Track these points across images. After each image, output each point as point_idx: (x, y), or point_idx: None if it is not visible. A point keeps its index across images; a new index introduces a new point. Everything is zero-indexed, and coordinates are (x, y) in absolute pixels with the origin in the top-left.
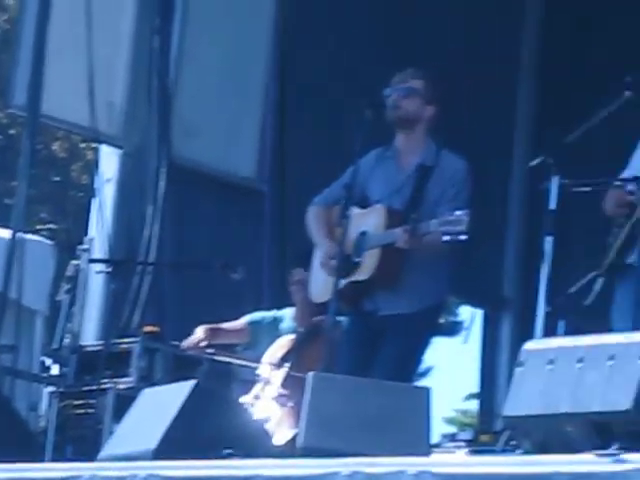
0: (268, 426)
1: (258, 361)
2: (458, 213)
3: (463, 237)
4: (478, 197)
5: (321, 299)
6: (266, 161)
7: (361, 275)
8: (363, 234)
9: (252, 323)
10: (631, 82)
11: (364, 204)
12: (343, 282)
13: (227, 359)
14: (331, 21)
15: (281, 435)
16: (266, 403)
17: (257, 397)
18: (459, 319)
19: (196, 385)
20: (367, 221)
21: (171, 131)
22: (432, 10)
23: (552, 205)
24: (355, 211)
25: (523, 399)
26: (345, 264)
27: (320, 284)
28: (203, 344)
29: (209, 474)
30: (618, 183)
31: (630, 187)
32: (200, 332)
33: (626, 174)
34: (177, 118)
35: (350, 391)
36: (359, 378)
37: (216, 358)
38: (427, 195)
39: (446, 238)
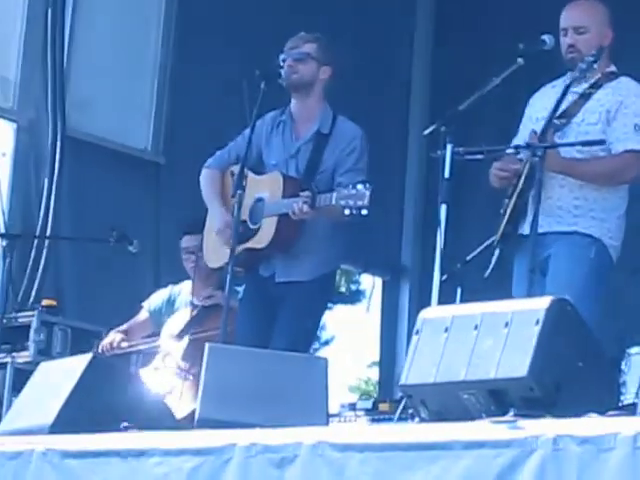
0: (169, 399)
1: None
2: (359, 187)
3: (364, 212)
4: (376, 166)
5: (216, 264)
6: (161, 132)
7: (258, 243)
8: (259, 200)
9: (151, 312)
10: (523, 50)
11: (259, 168)
12: (239, 248)
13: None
14: None
15: (182, 408)
16: (166, 376)
17: (157, 369)
18: (361, 288)
19: (93, 358)
20: (263, 187)
21: (65, 105)
22: None
23: (446, 173)
24: (251, 176)
25: (420, 367)
26: (241, 230)
27: (215, 249)
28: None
29: (106, 448)
30: (510, 151)
31: (520, 155)
32: (110, 338)
33: (515, 142)
34: (71, 91)
35: (247, 362)
36: (256, 349)
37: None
38: (324, 163)
39: (347, 212)
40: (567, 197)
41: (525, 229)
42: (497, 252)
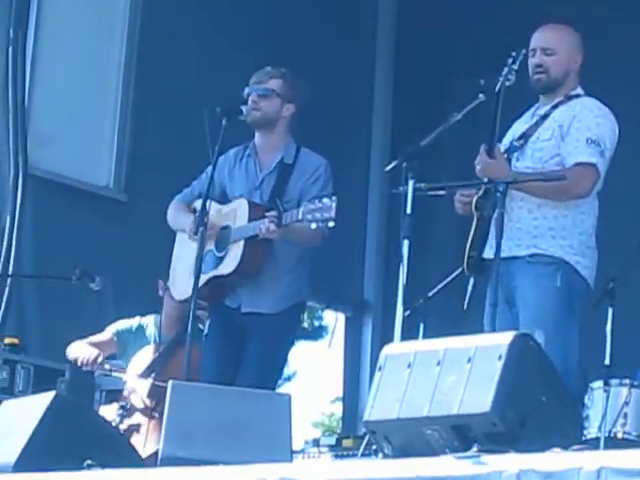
0: (134, 438)
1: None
2: (325, 200)
3: (331, 224)
4: (338, 201)
5: (183, 296)
6: (123, 169)
7: (225, 269)
8: (225, 228)
9: (118, 334)
10: (484, 85)
11: (224, 202)
12: (205, 278)
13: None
14: (186, 26)
15: (147, 447)
16: (132, 413)
17: (123, 407)
18: (324, 323)
19: (56, 396)
20: (229, 215)
21: (27, 142)
22: (288, 15)
23: (408, 209)
24: (215, 206)
25: (383, 403)
26: (209, 259)
27: (182, 280)
28: (98, 359)
29: None
30: (470, 186)
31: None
32: (80, 346)
33: None
34: (33, 129)
35: (210, 399)
36: (219, 386)
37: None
38: (288, 192)
39: (314, 226)
40: (526, 218)
41: (488, 253)
42: (472, 281)
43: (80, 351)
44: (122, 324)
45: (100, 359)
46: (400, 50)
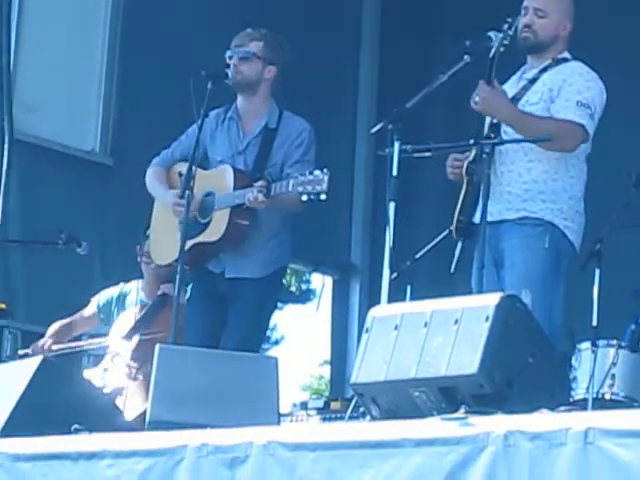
0: (119, 400)
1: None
2: (317, 173)
3: (323, 196)
4: (323, 164)
5: (166, 261)
6: (109, 134)
7: (210, 236)
8: (209, 195)
9: (100, 307)
10: (470, 46)
11: (204, 164)
12: (190, 244)
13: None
14: None
15: (132, 409)
16: (116, 376)
17: (106, 370)
18: (311, 287)
19: (43, 361)
20: (213, 182)
21: (13, 107)
22: None
23: (394, 171)
24: (198, 171)
25: (370, 366)
26: (192, 225)
27: (164, 245)
28: (52, 346)
29: (57, 450)
30: (456, 148)
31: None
32: (51, 330)
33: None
34: (18, 94)
35: (198, 362)
36: (206, 349)
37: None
38: (272, 157)
39: (304, 198)
40: (516, 182)
41: (477, 217)
42: (460, 245)
43: (45, 336)
44: (104, 295)
45: (50, 347)
46: (386, 12)
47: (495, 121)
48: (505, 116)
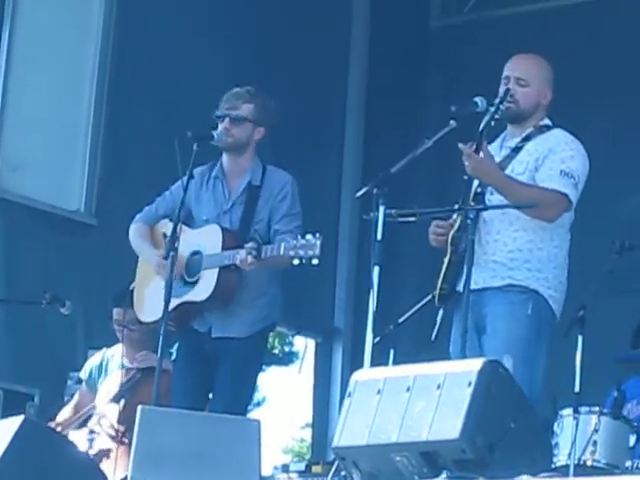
0: (104, 464)
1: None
2: (309, 237)
3: (315, 261)
4: (308, 227)
5: (149, 318)
6: (94, 194)
7: (198, 296)
8: (196, 254)
9: (86, 380)
10: (455, 112)
11: (190, 224)
12: (175, 302)
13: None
14: (157, 51)
15: (116, 473)
16: (102, 438)
17: (92, 432)
18: (294, 349)
19: (25, 420)
20: (200, 240)
21: None
22: (261, 31)
23: (378, 235)
24: (185, 229)
25: (352, 429)
26: (178, 284)
27: (149, 302)
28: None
29: None
30: (441, 213)
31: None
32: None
33: None
34: (3, 152)
35: (180, 425)
36: (188, 411)
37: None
38: (258, 214)
39: (296, 262)
40: (501, 251)
41: (460, 286)
42: (441, 312)
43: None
44: (87, 367)
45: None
46: (372, 76)
47: (479, 190)
48: (493, 181)
